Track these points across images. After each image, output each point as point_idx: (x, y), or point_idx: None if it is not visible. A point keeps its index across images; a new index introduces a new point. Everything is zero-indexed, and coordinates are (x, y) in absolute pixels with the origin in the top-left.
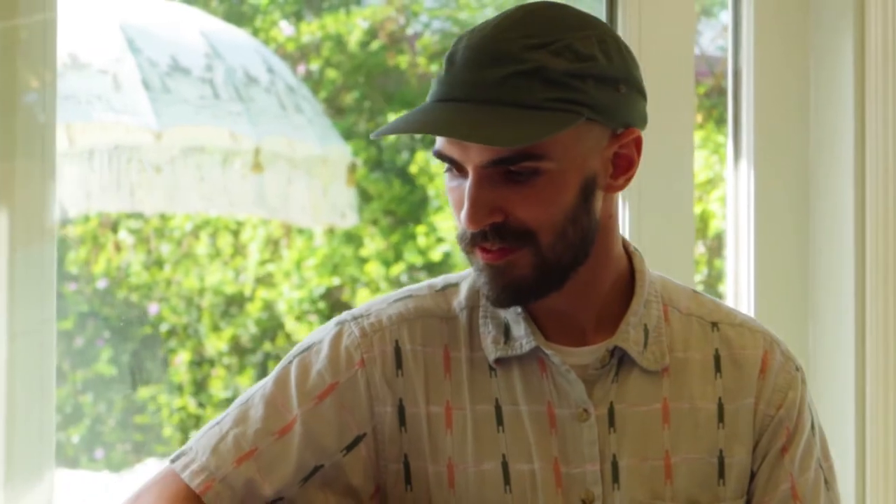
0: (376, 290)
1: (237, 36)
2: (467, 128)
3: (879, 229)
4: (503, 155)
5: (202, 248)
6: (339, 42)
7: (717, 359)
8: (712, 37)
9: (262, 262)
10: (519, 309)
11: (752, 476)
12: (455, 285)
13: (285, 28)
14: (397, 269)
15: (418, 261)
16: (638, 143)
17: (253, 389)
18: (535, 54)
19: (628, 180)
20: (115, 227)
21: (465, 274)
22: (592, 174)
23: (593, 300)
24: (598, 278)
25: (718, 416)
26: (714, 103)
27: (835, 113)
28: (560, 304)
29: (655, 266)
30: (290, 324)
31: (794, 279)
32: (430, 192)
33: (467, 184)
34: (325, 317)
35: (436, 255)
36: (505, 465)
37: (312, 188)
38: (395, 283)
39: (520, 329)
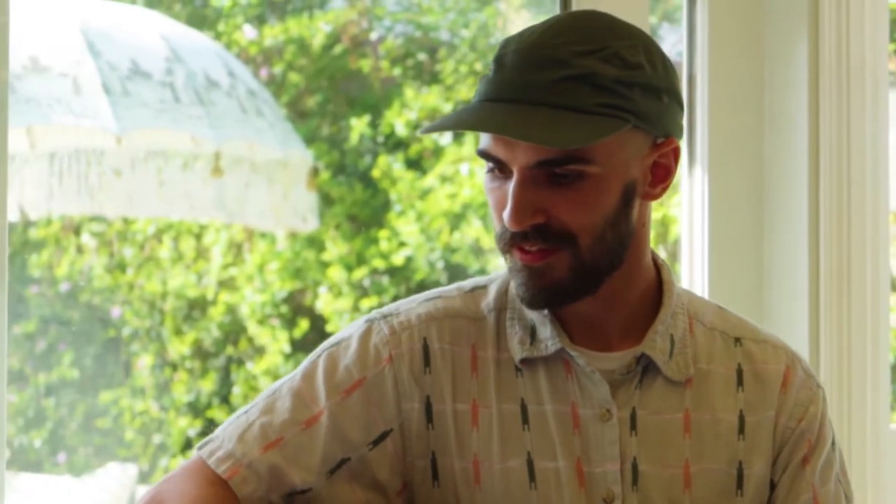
0: (339, 294)
1: (198, 40)
2: (520, 128)
3: (833, 235)
4: (551, 156)
5: (165, 251)
6: (301, 46)
7: (740, 373)
8: (674, 42)
9: (225, 266)
10: (546, 311)
11: (773, 487)
12: (483, 287)
13: (248, 31)
14: (360, 273)
15: (381, 265)
16: (676, 153)
17: (280, 382)
18: (585, 60)
19: (665, 189)
20: (77, 231)
21: (494, 277)
22: (633, 181)
23: (621, 307)
24: (628, 286)
25: (739, 429)
26: None
27: (789, 119)
28: (589, 310)
29: None
30: (252, 327)
31: (748, 284)
32: (393, 196)
33: (511, 184)
34: (288, 321)
35: (398, 259)
36: (530, 463)
37: (272, 192)
38: (358, 287)
39: (546, 331)
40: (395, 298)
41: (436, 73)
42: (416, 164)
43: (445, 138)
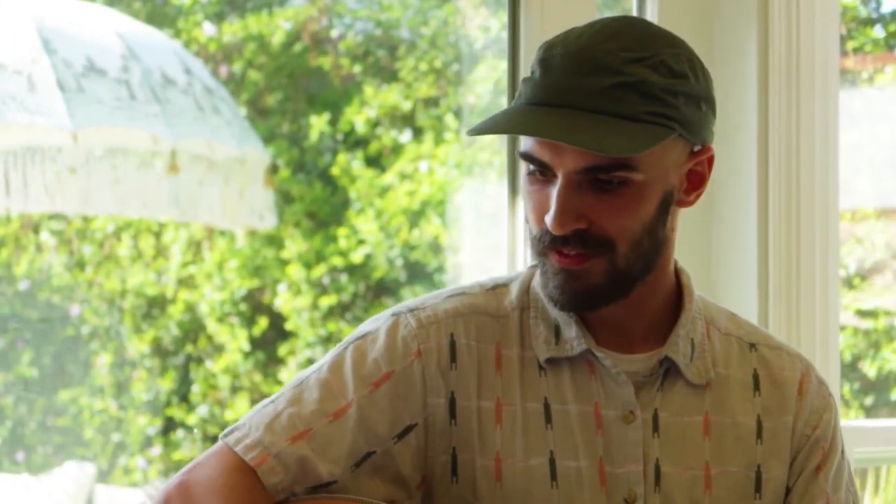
0: (298, 291)
1: (154, 37)
2: (572, 133)
3: (782, 234)
4: (598, 162)
5: (124, 249)
6: (261, 43)
7: (756, 378)
8: None
9: (184, 264)
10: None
11: (787, 491)
12: (505, 286)
13: (207, 29)
14: (319, 270)
15: (340, 263)
16: (711, 161)
17: (307, 373)
18: (634, 67)
19: (698, 196)
20: (36, 229)
21: (514, 276)
22: (671, 188)
23: (646, 311)
24: (654, 290)
25: (757, 433)
26: None
27: (739, 117)
28: (614, 312)
29: None
30: (211, 325)
31: (697, 284)
32: (352, 194)
33: (556, 188)
34: (247, 318)
35: (357, 257)
36: (552, 462)
37: (227, 190)
38: (317, 284)
39: (571, 331)
40: (354, 296)
41: (395, 70)
42: (376, 162)
43: (405, 136)
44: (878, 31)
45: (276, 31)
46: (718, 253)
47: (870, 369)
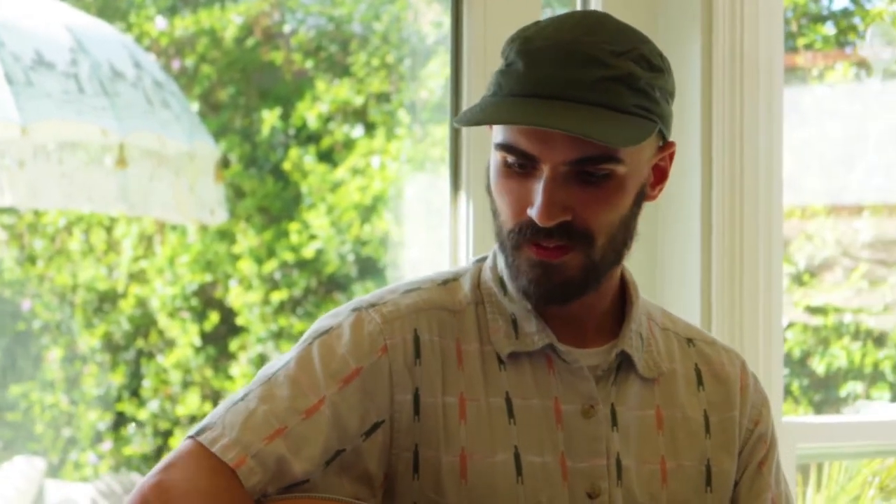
0: (249, 286)
1: (103, 30)
2: (570, 123)
3: (726, 231)
4: (589, 154)
5: (75, 244)
6: (213, 38)
7: (699, 373)
8: None
9: (136, 259)
10: (529, 305)
11: (735, 485)
12: (455, 280)
13: (159, 23)
14: (270, 265)
15: (291, 258)
16: (673, 156)
17: (273, 369)
18: (620, 61)
19: (661, 191)
20: None
21: (461, 270)
22: (645, 182)
23: (599, 305)
24: (609, 284)
25: (705, 427)
26: None
27: (682, 115)
28: (571, 306)
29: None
30: (162, 320)
31: (641, 282)
32: (304, 189)
33: (541, 180)
34: (198, 313)
35: (308, 252)
36: (517, 457)
37: (178, 184)
38: (269, 280)
39: (531, 325)
40: (306, 291)
41: (347, 65)
42: (328, 157)
43: (357, 131)
44: (828, 28)
45: (229, 25)
46: (662, 251)
47: (819, 366)
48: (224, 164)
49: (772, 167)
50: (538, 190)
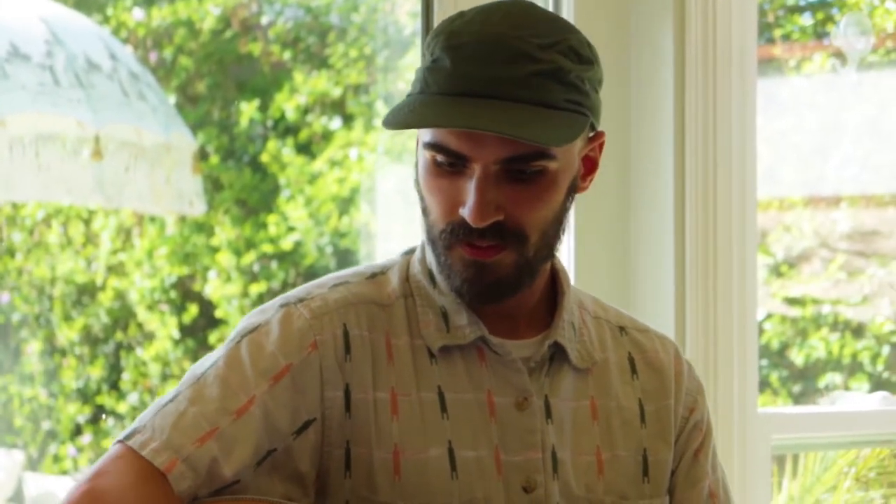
0: (227, 279)
1: (79, 22)
2: (502, 124)
3: (699, 222)
4: (521, 153)
5: (54, 236)
6: (191, 29)
7: (632, 361)
8: None
9: (114, 252)
10: (459, 299)
11: (672, 473)
12: (383, 273)
13: (136, 14)
14: (249, 258)
15: (270, 250)
16: (602, 146)
17: (202, 369)
18: (549, 54)
19: (591, 181)
20: None
21: (389, 263)
22: (575, 175)
23: (531, 297)
24: (541, 276)
25: (640, 416)
26: None
27: (655, 106)
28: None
29: None
30: (141, 313)
31: (614, 271)
32: (282, 181)
33: (473, 180)
34: (177, 306)
35: (287, 244)
36: (451, 452)
37: (154, 176)
38: (247, 272)
39: (462, 318)
40: (285, 283)
41: (325, 57)
42: (306, 149)
43: (335, 123)
44: (806, 19)
45: (206, 16)
46: (636, 244)
47: (797, 357)
48: (202, 156)
49: (745, 158)
50: (470, 190)
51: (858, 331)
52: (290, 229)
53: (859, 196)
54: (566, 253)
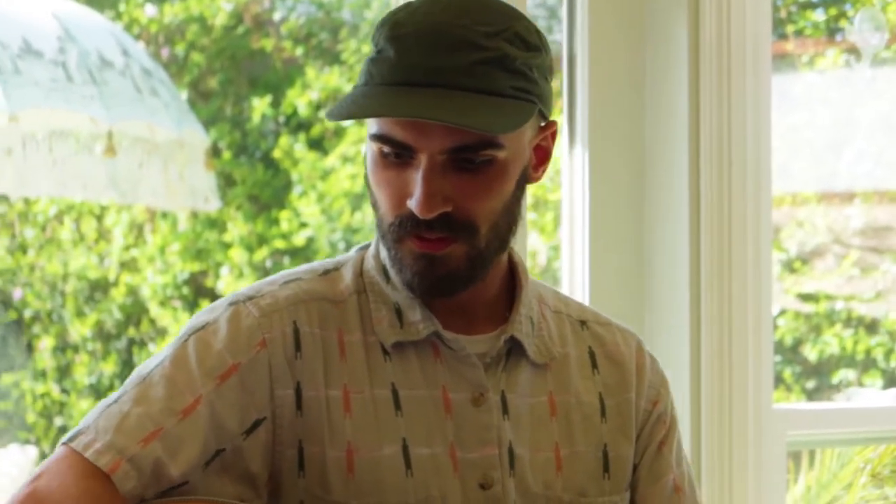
0: (240, 275)
1: (91, 18)
2: (454, 113)
3: (714, 217)
4: (467, 142)
5: (66, 233)
6: (203, 25)
7: (593, 355)
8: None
9: (127, 248)
10: (411, 293)
11: (634, 468)
12: (336, 270)
13: (149, 10)
14: (261, 254)
15: (282, 245)
16: (554, 135)
17: (148, 369)
18: (494, 42)
19: (545, 172)
20: None
21: (343, 259)
22: (527, 164)
23: (486, 291)
24: (497, 270)
25: (601, 411)
26: None
27: (670, 100)
28: (459, 293)
29: None
30: (154, 309)
31: (629, 265)
32: (294, 176)
33: (419, 171)
34: (190, 302)
35: (299, 240)
36: (406, 450)
37: (168, 172)
38: (260, 268)
39: (416, 314)
40: None
41: (338, 53)
42: (318, 145)
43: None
44: (818, 15)
45: (218, 12)
46: (651, 240)
47: (811, 353)
48: (214, 152)
49: (760, 154)
50: (417, 181)
51: (872, 327)
52: (303, 225)
53: (873, 192)
54: (581, 250)
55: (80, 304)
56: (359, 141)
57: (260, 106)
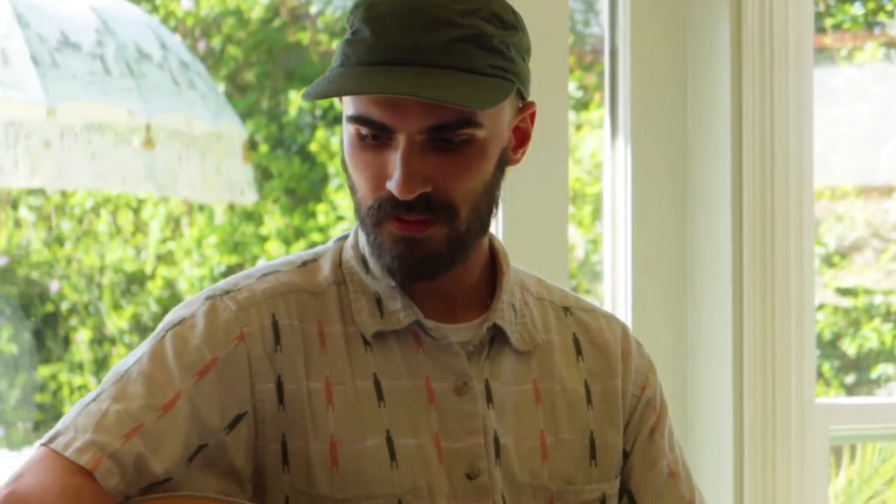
0: None
1: (129, 11)
2: (433, 90)
3: (756, 209)
4: (446, 120)
5: (103, 225)
6: (239, 18)
7: (577, 342)
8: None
9: (163, 240)
10: (393, 283)
11: (626, 456)
12: (314, 261)
13: (185, 3)
14: (298, 247)
15: (319, 239)
16: (533, 117)
17: (126, 366)
18: (471, 20)
19: (524, 154)
20: (15, 204)
21: (321, 250)
22: (506, 145)
23: (467, 277)
24: (477, 256)
25: (587, 398)
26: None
27: (712, 93)
28: (439, 280)
29: (531, 244)
30: None
31: (671, 257)
32: (331, 170)
33: (398, 152)
34: None
35: (336, 233)
36: (390, 441)
37: (205, 165)
38: None
39: (396, 303)
40: None
41: None
42: None
43: None
44: (857, 8)
45: (255, 6)
46: (693, 235)
47: (850, 348)
48: (251, 145)
49: (802, 148)
50: (395, 162)
51: None
52: (339, 218)
53: None
54: (623, 244)
55: (117, 297)
56: None
57: (296, 99)
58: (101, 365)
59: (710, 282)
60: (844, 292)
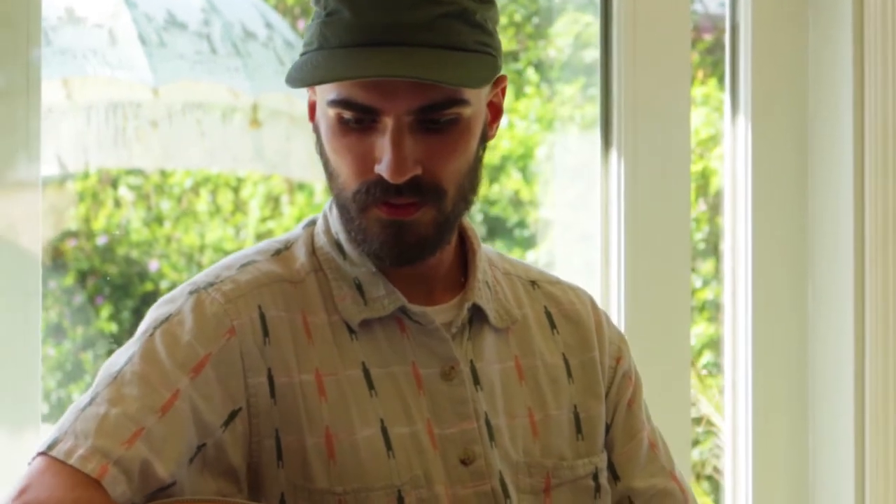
0: None
1: None
2: (425, 70)
3: (879, 185)
4: (435, 100)
5: (202, 204)
6: None
7: (549, 315)
8: None
9: (263, 219)
10: (374, 268)
11: (607, 428)
12: (287, 249)
13: None
14: None
15: None
16: (505, 90)
17: (117, 366)
18: None
19: (497, 128)
20: (114, 184)
21: (291, 237)
22: (485, 122)
23: (445, 258)
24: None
25: (567, 372)
26: (716, 60)
27: (834, 69)
28: (420, 263)
29: (653, 223)
30: None
31: (792, 236)
32: None
33: (386, 134)
34: None
35: None
36: (384, 431)
37: (311, 145)
38: None
39: (379, 289)
40: None
41: None
42: None
43: None
44: None
45: None
46: (814, 208)
47: None
48: None
49: None
50: (385, 145)
51: None
52: None
53: None
54: (743, 238)
55: None
56: None
57: None
58: None
59: (831, 276)
60: None
